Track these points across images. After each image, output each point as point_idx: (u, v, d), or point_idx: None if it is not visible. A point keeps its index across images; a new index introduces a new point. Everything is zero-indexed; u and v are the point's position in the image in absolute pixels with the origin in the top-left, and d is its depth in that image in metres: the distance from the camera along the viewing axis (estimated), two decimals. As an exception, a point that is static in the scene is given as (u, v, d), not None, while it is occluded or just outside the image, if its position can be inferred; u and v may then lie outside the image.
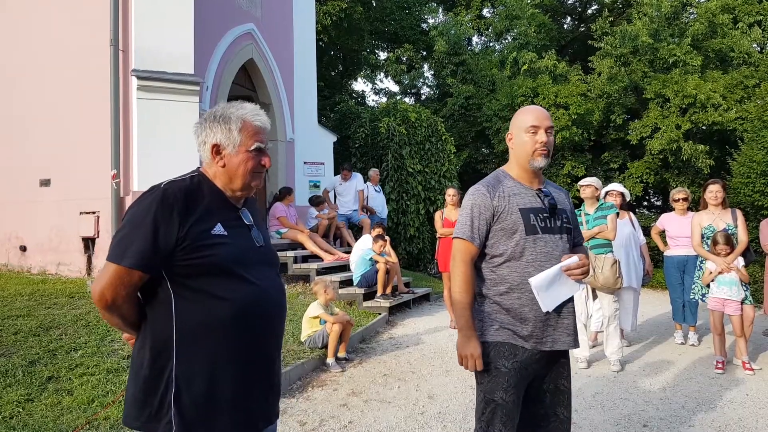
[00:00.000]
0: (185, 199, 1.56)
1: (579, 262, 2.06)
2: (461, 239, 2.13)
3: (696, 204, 6.34)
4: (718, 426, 3.60)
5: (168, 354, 1.54)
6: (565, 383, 2.17)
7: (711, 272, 4.94)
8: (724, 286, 4.84)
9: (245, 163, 1.65)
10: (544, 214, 2.13)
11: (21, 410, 3.34)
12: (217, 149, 1.66)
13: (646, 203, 17.87)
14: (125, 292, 1.53)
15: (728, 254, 4.90)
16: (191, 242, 1.53)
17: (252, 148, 1.66)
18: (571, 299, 2.12)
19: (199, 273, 1.55)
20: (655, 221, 6.63)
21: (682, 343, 5.88)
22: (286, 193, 8.36)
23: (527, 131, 2.14)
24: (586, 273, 2.09)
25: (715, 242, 4.98)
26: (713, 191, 5.31)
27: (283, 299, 1.76)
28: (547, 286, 2.01)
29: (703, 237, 5.24)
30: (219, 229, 1.59)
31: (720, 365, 4.83)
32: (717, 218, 5.24)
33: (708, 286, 5.04)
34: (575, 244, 2.28)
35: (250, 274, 1.62)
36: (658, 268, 8.92)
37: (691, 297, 5.39)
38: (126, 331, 1.66)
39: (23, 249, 7.55)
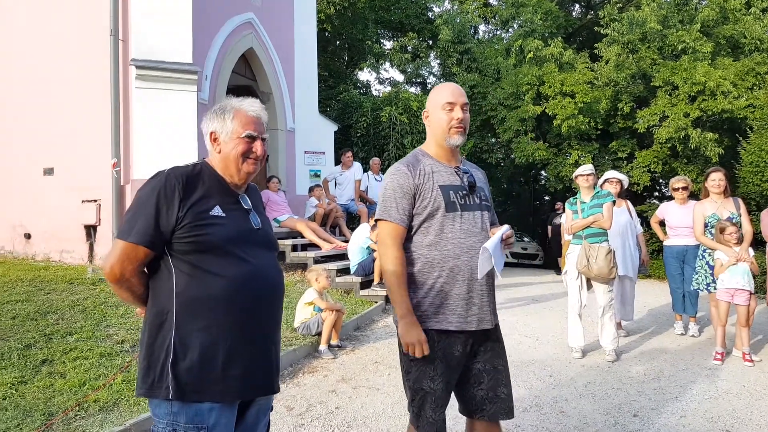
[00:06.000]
0: (186, 183, 1.71)
1: (510, 231, 2.11)
2: (388, 222, 2.09)
3: (698, 192, 6.24)
4: (711, 417, 3.57)
5: (169, 325, 1.67)
6: (502, 362, 2.16)
7: (722, 264, 4.84)
8: (736, 276, 4.76)
9: (236, 148, 1.78)
10: (463, 192, 2.13)
11: (14, 392, 3.39)
12: (213, 136, 1.83)
13: (657, 193, 17.64)
14: (132, 267, 1.69)
15: (738, 241, 4.82)
16: (190, 221, 1.67)
17: (243, 135, 1.79)
18: (493, 275, 2.13)
19: (197, 250, 1.68)
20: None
21: (682, 334, 5.83)
22: (267, 181, 8.43)
23: (443, 108, 2.13)
24: (512, 244, 2.13)
25: (722, 230, 4.88)
26: (715, 179, 5.21)
27: (278, 279, 1.86)
28: (493, 253, 2.01)
29: (706, 226, 5.15)
30: (217, 210, 1.73)
31: (719, 356, 4.77)
32: (720, 207, 5.15)
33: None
34: (491, 223, 2.26)
35: (246, 254, 1.74)
36: (658, 258, 8.83)
37: (694, 287, 5.31)
38: (136, 305, 1.81)
39: (27, 236, 7.66)
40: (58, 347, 4.12)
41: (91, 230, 7.23)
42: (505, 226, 2.13)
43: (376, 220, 2.17)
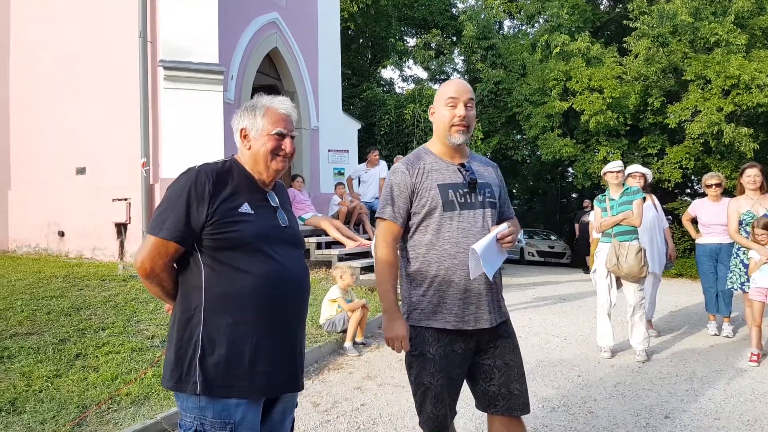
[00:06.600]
0: (216, 180, 1.72)
1: (509, 229, 2.05)
2: (383, 219, 2.12)
3: (733, 190, 6.05)
4: (747, 420, 3.45)
5: (197, 320, 1.69)
6: (513, 358, 2.13)
7: (756, 262, 4.70)
8: None
9: (265, 144, 1.79)
10: (464, 190, 2.09)
11: (50, 385, 3.49)
12: (244, 133, 1.84)
13: (689, 190, 17.23)
14: (162, 262, 1.71)
15: None
16: (219, 218, 1.68)
17: (273, 132, 1.80)
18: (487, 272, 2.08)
19: (225, 247, 1.69)
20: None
21: (715, 335, 5.68)
22: (292, 180, 8.50)
23: (446, 104, 2.10)
24: (513, 242, 2.09)
25: (753, 228, 4.74)
26: (751, 175, 5.06)
27: (304, 277, 1.86)
28: (483, 254, 1.96)
29: (741, 224, 5.01)
30: (246, 207, 1.74)
31: (755, 358, 4.62)
32: (756, 204, 5.00)
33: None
34: (505, 218, 2.24)
35: (273, 251, 1.75)
36: (690, 257, 8.58)
37: (728, 286, 5.17)
38: (165, 300, 1.82)
39: (61, 234, 7.87)
40: (91, 342, 4.23)
41: (121, 228, 7.40)
42: (502, 225, 2.09)
43: (375, 218, 2.19)
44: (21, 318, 4.58)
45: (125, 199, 7.34)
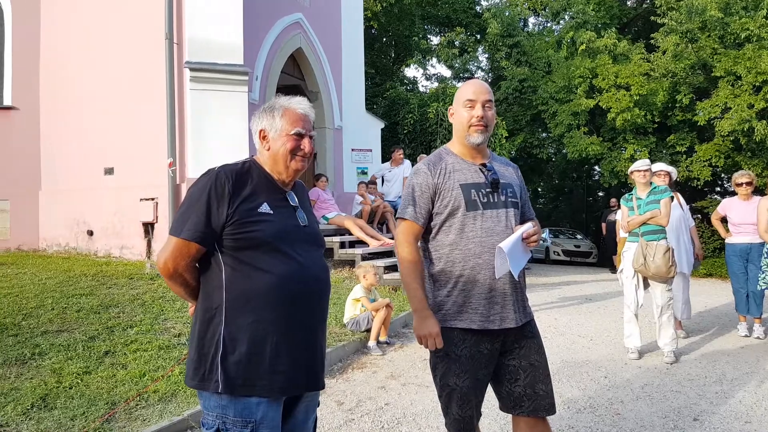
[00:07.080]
0: (235, 181, 1.74)
1: (534, 228, 2.04)
2: (404, 220, 2.12)
3: (764, 188, 5.90)
4: (780, 424, 3.37)
5: (219, 319, 1.70)
6: (539, 358, 2.10)
7: None
8: None
9: (284, 145, 1.80)
10: (486, 189, 2.08)
11: (79, 381, 3.57)
12: (263, 134, 1.85)
13: (718, 189, 16.81)
14: (184, 262, 1.73)
15: None
16: (239, 219, 1.70)
17: (292, 132, 1.81)
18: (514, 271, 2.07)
19: (245, 247, 1.71)
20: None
21: (746, 336, 5.55)
22: (316, 179, 8.53)
23: (464, 105, 2.10)
24: (538, 242, 2.09)
25: None
26: None
27: (323, 276, 1.87)
28: (510, 253, 1.95)
29: (771, 223, 4.89)
30: (265, 207, 1.75)
31: (788, 360, 4.51)
32: (788, 203, 4.88)
33: None
34: (526, 219, 2.22)
35: (293, 250, 1.75)
36: (720, 256, 8.34)
37: (761, 286, 5.05)
38: (188, 299, 1.85)
39: (90, 233, 8.05)
40: (120, 339, 4.31)
41: (148, 227, 7.54)
42: (527, 224, 2.07)
43: (396, 218, 2.19)
44: (51, 316, 4.70)
45: (152, 199, 7.47)
